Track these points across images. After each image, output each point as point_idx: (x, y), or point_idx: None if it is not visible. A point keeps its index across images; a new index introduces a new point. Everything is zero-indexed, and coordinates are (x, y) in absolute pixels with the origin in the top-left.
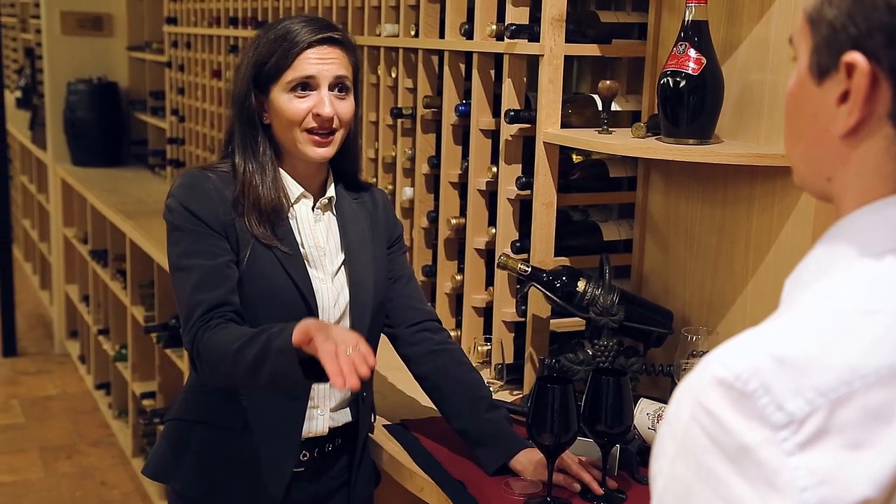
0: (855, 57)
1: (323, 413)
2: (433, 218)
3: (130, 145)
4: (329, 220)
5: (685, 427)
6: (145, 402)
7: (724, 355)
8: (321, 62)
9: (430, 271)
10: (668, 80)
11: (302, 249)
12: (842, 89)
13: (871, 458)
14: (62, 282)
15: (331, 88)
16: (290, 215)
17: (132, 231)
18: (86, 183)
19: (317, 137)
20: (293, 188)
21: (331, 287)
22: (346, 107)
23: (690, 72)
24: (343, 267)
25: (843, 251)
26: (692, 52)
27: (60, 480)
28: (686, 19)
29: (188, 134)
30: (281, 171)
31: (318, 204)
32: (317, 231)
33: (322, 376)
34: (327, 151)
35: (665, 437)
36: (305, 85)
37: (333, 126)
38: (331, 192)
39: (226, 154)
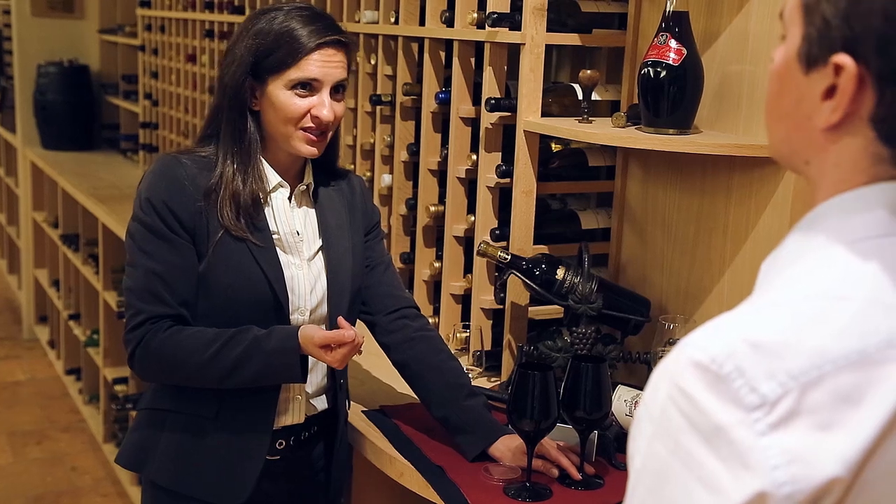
0: (844, 60)
1: (301, 400)
2: (412, 205)
3: (102, 129)
4: (306, 207)
5: (662, 408)
6: (117, 388)
7: (699, 339)
8: (326, 65)
9: (409, 258)
10: (648, 71)
11: (276, 237)
12: (828, 84)
13: (840, 438)
14: (31, 266)
15: (331, 92)
16: (265, 203)
17: (105, 216)
18: (56, 167)
19: (311, 136)
20: (271, 177)
21: (307, 273)
22: (341, 108)
23: (671, 62)
24: (321, 252)
25: (817, 238)
26: (673, 43)
27: (30, 466)
28: (667, 10)
29: (161, 118)
30: (261, 159)
31: (295, 191)
32: (294, 218)
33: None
34: (319, 150)
35: (643, 419)
36: (308, 85)
37: (329, 127)
38: (308, 178)
39: (204, 137)
